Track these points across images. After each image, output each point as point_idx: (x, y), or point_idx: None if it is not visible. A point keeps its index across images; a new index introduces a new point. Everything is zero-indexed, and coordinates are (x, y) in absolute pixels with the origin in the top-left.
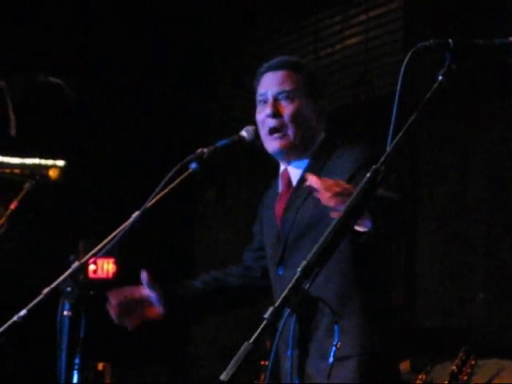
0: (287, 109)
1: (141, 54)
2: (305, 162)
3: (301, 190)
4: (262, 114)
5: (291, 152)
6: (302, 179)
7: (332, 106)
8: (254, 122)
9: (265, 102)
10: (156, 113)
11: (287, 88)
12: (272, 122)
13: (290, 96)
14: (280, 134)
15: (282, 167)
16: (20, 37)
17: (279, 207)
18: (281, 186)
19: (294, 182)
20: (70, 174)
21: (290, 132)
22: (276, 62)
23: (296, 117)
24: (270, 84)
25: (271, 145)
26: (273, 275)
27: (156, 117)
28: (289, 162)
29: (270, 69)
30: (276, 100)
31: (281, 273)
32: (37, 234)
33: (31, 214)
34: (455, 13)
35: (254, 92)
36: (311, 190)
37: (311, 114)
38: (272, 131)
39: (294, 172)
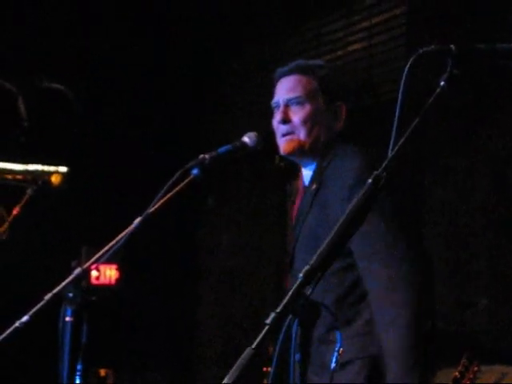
0: (297, 114)
1: (144, 59)
2: (314, 165)
3: (308, 192)
4: (275, 120)
5: (303, 154)
6: (310, 183)
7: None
8: (255, 124)
9: (278, 108)
10: (160, 119)
11: (297, 94)
12: (283, 129)
13: (300, 101)
14: (290, 137)
15: (301, 168)
16: (21, 38)
17: (295, 208)
18: (300, 187)
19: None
20: (73, 180)
21: (301, 136)
22: (289, 67)
23: (306, 121)
24: (281, 91)
25: (282, 147)
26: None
27: (160, 123)
28: (303, 164)
29: (282, 74)
30: (287, 106)
31: (292, 272)
32: (39, 240)
33: (34, 220)
34: (458, 18)
35: (253, 98)
36: None
37: (325, 117)
38: (283, 136)
39: (306, 174)
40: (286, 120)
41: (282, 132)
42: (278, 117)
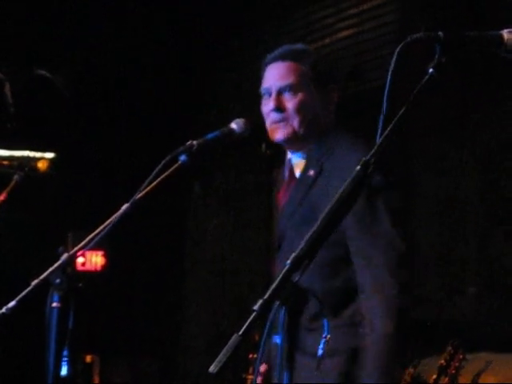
0: (291, 102)
1: (134, 47)
2: (304, 153)
3: (304, 179)
4: (267, 107)
5: (295, 141)
6: (305, 171)
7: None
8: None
9: (269, 95)
10: (147, 104)
11: (290, 81)
12: (276, 116)
13: (293, 89)
14: (283, 124)
15: (288, 155)
16: (7, 24)
17: (282, 196)
18: (286, 174)
19: (297, 172)
20: (60, 166)
21: (295, 123)
22: (279, 53)
23: (300, 109)
24: (273, 78)
25: (275, 134)
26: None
27: (147, 111)
28: (293, 152)
29: (273, 60)
30: (280, 94)
31: (277, 259)
32: (26, 226)
33: (20, 206)
34: (448, 5)
35: (248, 88)
36: None
37: (318, 103)
38: (276, 123)
39: (298, 162)
40: (279, 108)
41: (275, 119)
42: (270, 104)
